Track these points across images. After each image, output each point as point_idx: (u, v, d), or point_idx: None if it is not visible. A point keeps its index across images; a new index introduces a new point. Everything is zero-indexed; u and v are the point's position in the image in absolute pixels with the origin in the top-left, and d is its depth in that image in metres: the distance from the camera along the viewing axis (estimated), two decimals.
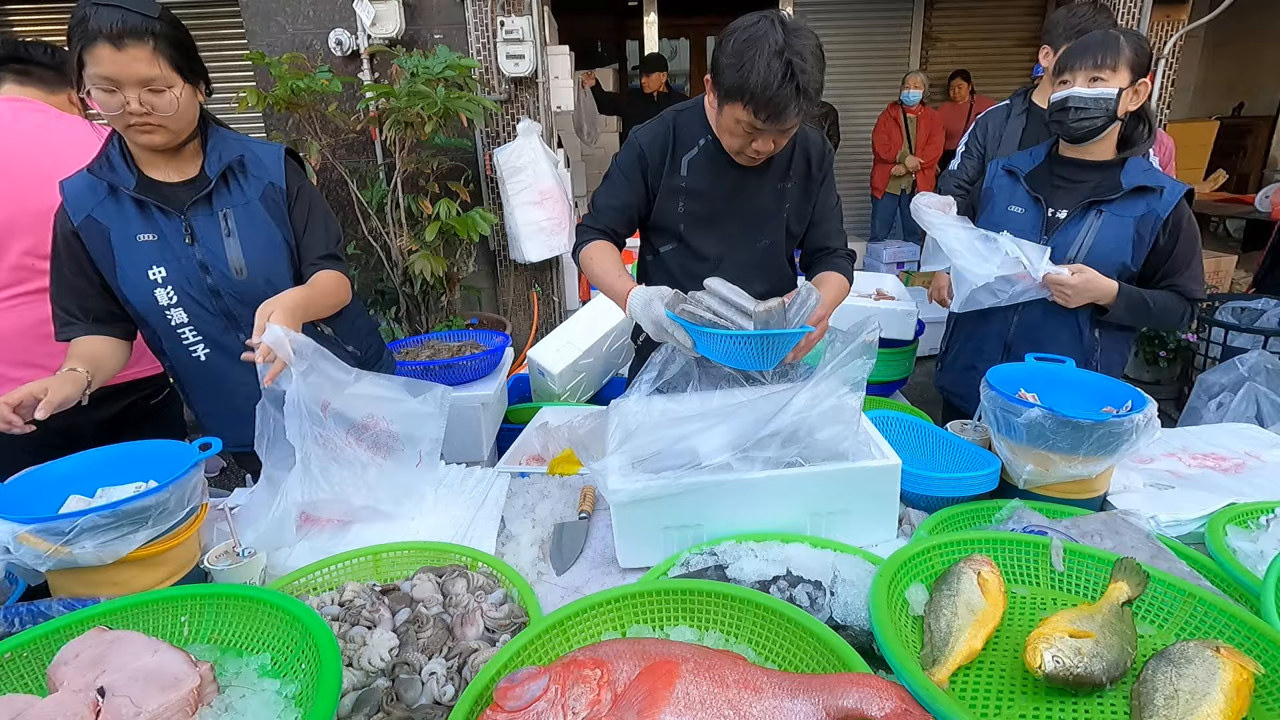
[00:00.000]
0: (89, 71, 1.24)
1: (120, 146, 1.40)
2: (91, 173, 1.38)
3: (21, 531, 0.99)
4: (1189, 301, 1.65)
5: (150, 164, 1.41)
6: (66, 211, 1.39)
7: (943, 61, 6.68)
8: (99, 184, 1.39)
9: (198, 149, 1.45)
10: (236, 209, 1.45)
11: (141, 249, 1.40)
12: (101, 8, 1.22)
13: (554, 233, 3.96)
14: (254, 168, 1.47)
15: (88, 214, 1.38)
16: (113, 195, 1.39)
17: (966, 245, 1.71)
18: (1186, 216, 1.62)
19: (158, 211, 1.40)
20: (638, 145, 1.60)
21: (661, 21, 6.92)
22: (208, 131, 1.45)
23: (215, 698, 0.83)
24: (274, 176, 1.49)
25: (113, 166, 1.39)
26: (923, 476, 1.29)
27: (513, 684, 0.75)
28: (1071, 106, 1.61)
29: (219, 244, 1.43)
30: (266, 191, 1.48)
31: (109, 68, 1.23)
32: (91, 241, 1.39)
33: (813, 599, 0.97)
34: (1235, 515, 1.19)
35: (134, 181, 1.38)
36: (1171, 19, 4.06)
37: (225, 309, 1.47)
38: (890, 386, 2.92)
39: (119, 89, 1.26)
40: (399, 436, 1.35)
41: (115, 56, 1.23)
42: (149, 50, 1.25)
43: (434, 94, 3.32)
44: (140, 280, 1.41)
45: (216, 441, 1.21)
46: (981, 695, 0.81)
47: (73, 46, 1.25)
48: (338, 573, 1.16)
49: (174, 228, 1.41)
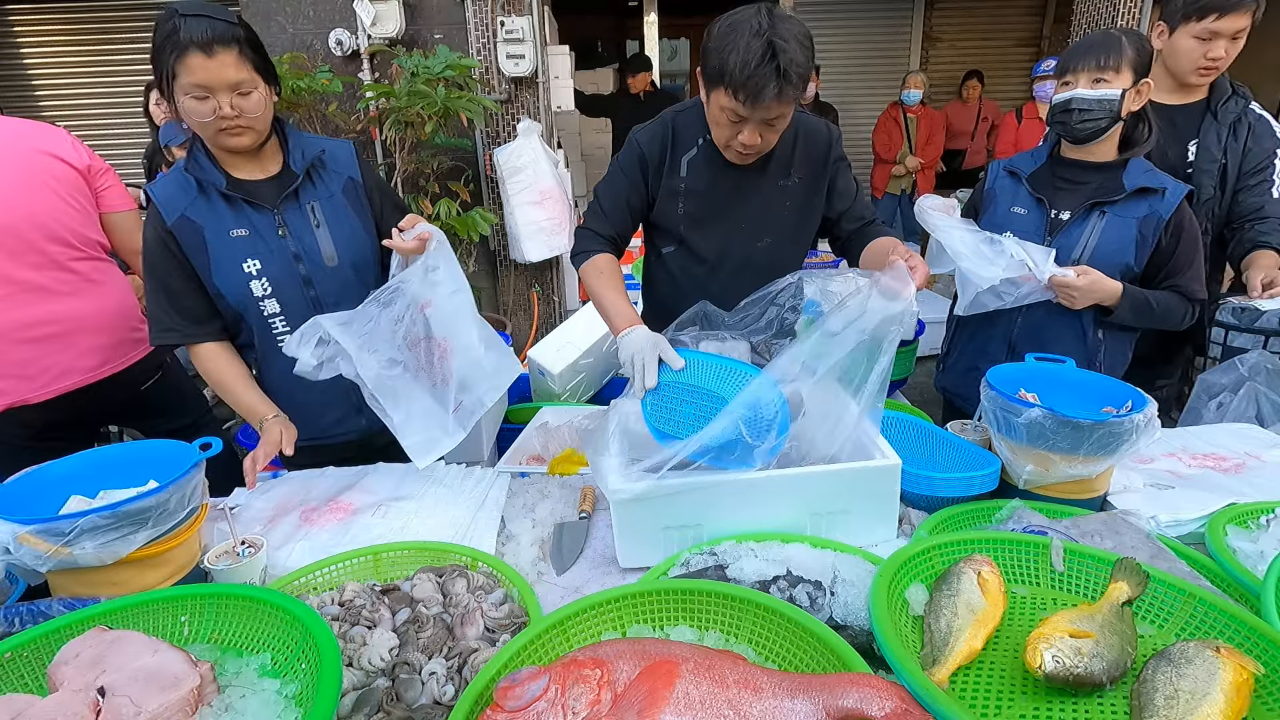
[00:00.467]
0: (181, 81, 1.30)
1: (204, 148, 1.45)
2: (186, 171, 1.44)
3: (22, 532, 0.99)
4: (1190, 302, 1.65)
5: (234, 165, 1.47)
6: (159, 213, 1.43)
7: (943, 61, 6.68)
8: (189, 183, 1.44)
9: (276, 147, 1.52)
10: (322, 201, 1.53)
11: (235, 243, 1.46)
12: (189, 18, 1.28)
13: (554, 233, 3.96)
14: (332, 163, 1.55)
15: (181, 213, 1.43)
16: (203, 194, 1.44)
17: (971, 248, 1.70)
18: (1188, 217, 1.62)
19: (248, 207, 1.46)
20: (637, 146, 1.60)
21: (661, 21, 6.92)
22: (284, 131, 1.52)
23: (215, 698, 0.83)
24: (350, 170, 1.57)
25: (202, 166, 1.44)
26: (923, 476, 1.29)
27: (513, 684, 0.75)
28: (1075, 108, 1.60)
29: (310, 235, 1.51)
30: (346, 185, 1.56)
31: (201, 75, 1.29)
32: (186, 240, 1.43)
33: (813, 599, 0.97)
34: (1235, 515, 1.19)
35: (224, 180, 1.45)
36: None
37: (314, 297, 1.53)
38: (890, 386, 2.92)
39: (211, 95, 1.32)
40: (453, 373, 1.38)
41: (206, 64, 1.29)
42: (235, 55, 1.32)
43: (434, 94, 3.32)
44: (235, 273, 1.46)
45: (217, 441, 1.21)
46: (981, 695, 0.81)
47: (163, 60, 1.30)
48: (338, 573, 1.16)
49: (266, 221, 1.47)
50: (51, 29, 5.56)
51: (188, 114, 1.34)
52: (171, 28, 1.28)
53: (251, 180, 1.48)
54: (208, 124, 1.35)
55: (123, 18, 5.47)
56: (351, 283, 1.53)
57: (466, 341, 1.36)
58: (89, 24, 5.52)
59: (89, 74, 5.62)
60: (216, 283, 1.46)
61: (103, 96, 5.67)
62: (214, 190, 1.43)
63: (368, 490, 1.46)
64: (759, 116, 1.38)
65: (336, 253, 1.53)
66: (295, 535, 1.30)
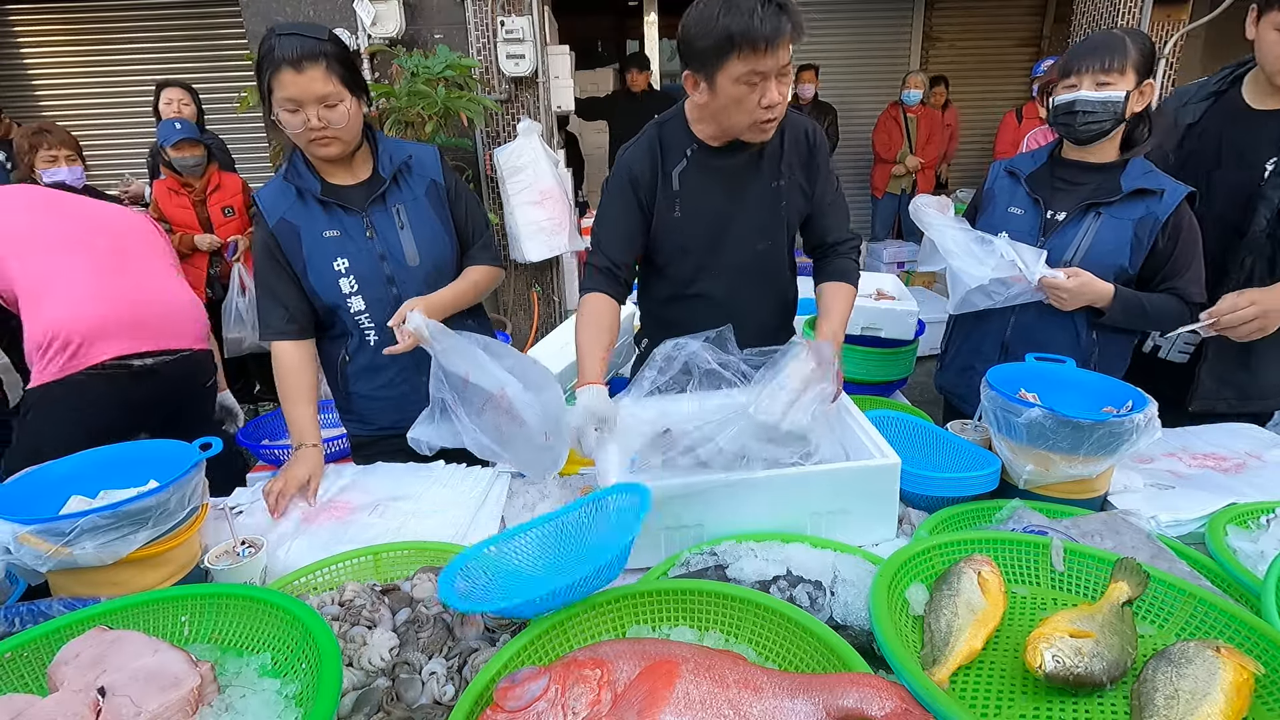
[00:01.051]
0: (276, 96, 1.41)
1: (303, 157, 1.55)
2: (285, 179, 1.55)
3: (22, 532, 0.99)
4: (1188, 305, 1.64)
5: (328, 172, 1.57)
6: (264, 216, 1.54)
7: (943, 61, 6.67)
8: (288, 189, 1.55)
9: (367, 154, 1.61)
10: (407, 204, 1.61)
11: (327, 243, 1.56)
12: (283, 37, 1.39)
13: (554, 233, 3.95)
14: (417, 167, 1.64)
15: (281, 216, 1.54)
16: (300, 199, 1.55)
17: (962, 247, 1.70)
18: (1187, 219, 1.61)
19: (340, 210, 1.56)
20: (625, 168, 1.57)
21: (661, 21, 6.92)
22: (375, 138, 1.61)
23: (215, 697, 0.83)
24: (434, 174, 1.65)
25: (299, 174, 1.55)
26: (923, 476, 1.29)
27: (513, 684, 0.75)
28: (1079, 110, 1.58)
29: (395, 236, 1.60)
30: (429, 188, 1.64)
31: (291, 90, 1.39)
32: (286, 241, 1.55)
33: (813, 599, 0.97)
34: (1235, 515, 1.19)
35: (319, 186, 1.55)
36: (1172, 19, 4.06)
37: (397, 295, 1.60)
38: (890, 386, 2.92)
39: (300, 108, 1.41)
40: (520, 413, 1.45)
41: (296, 79, 1.38)
42: (323, 70, 1.40)
43: (434, 94, 3.32)
44: (327, 271, 1.56)
45: (217, 441, 1.21)
46: (981, 695, 0.81)
47: (262, 76, 1.41)
48: (338, 572, 1.16)
49: (355, 224, 1.57)
50: (51, 29, 5.56)
51: (284, 126, 1.44)
52: (269, 47, 1.39)
53: (344, 185, 1.58)
54: (299, 135, 1.45)
55: (123, 18, 5.47)
56: (432, 281, 1.62)
57: (510, 386, 1.43)
58: (89, 24, 5.52)
59: (89, 74, 5.62)
60: (311, 279, 1.57)
61: (103, 96, 5.67)
62: (309, 195, 1.54)
63: (368, 490, 1.46)
64: (775, 66, 1.34)
65: (419, 253, 1.61)
66: (295, 535, 1.30)
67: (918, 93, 5.54)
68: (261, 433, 2.35)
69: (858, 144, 6.55)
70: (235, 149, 5.71)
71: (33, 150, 2.88)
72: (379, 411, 1.70)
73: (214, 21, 5.44)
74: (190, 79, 3.84)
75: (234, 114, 3.87)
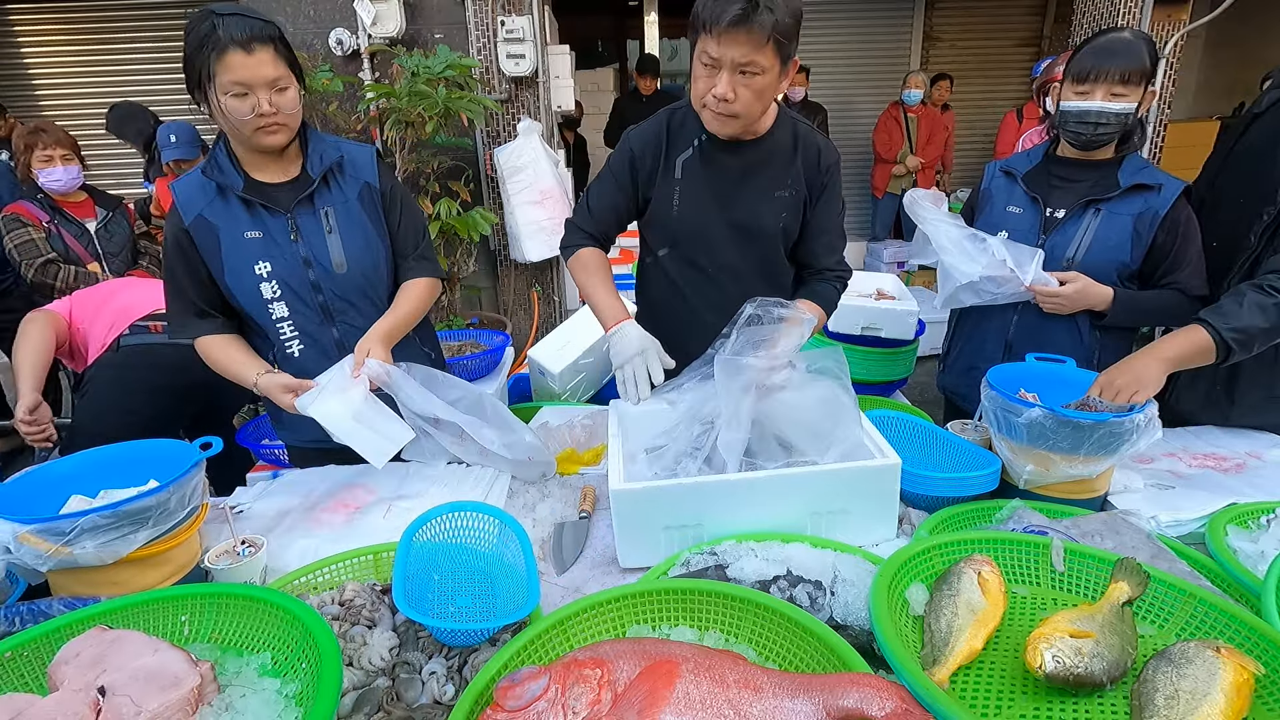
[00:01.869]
0: (221, 79, 1.31)
1: (226, 150, 1.46)
2: (203, 174, 1.45)
3: (22, 531, 0.99)
4: (1191, 299, 1.63)
5: (256, 166, 1.47)
6: (178, 212, 1.44)
7: (943, 61, 6.67)
8: (208, 185, 1.45)
9: (297, 150, 1.51)
10: (337, 207, 1.51)
11: (249, 245, 1.46)
12: (226, 18, 1.30)
13: (554, 232, 3.95)
14: (350, 168, 1.54)
15: (198, 213, 1.44)
16: (221, 196, 1.45)
17: (955, 243, 1.71)
18: (1185, 214, 1.61)
19: (264, 210, 1.46)
20: (628, 148, 1.58)
21: (661, 21, 6.92)
22: (306, 134, 1.52)
23: (215, 697, 0.83)
24: (369, 176, 1.55)
25: (221, 169, 1.45)
26: (923, 476, 1.29)
27: (513, 683, 0.75)
28: (1093, 120, 1.56)
29: (321, 240, 1.50)
30: (363, 191, 1.54)
31: (241, 72, 1.31)
32: (202, 240, 1.45)
33: (813, 599, 0.97)
34: (1236, 515, 1.19)
35: (242, 182, 1.45)
36: (1172, 19, 4.05)
37: (323, 303, 1.52)
38: (890, 386, 2.92)
39: (250, 92, 1.33)
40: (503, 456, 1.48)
41: (246, 61, 1.30)
42: (272, 52, 1.33)
43: (434, 94, 3.32)
44: (247, 274, 1.47)
45: (217, 441, 1.21)
46: (982, 695, 0.81)
47: (200, 59, 1.31)
48: (338, 572, 1.16)
49: (279, 225, 1.47)
50: (51, 30, 5.56)
51: (227, 112, 1.34)
52: (210, 27, 1.30)
53: (271, 183, 1.48)
54: (246, 121, 1.35)
55: (122, 19, 5.47)
56: (361, 290, 1.53)
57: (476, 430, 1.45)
58: (88, 25, 5.52)
59: (89, 75, 5.62)
60: (228, 282, 1.47)
61: (103, 97, 5.67)
62: (231, 193, 1.44)
63: (369, 490, 1.46)
64: (731, 55, 1.33)
65: (346, 260, 1.51)
66: (296, 535, 1.30)
67: (918, 92, 5.54)
68: (261, 433, 2.35)
69: (857, 144, 6.54)
70: None
71: (28, 150, 2.87)
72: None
73: None
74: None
75: None
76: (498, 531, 1.14)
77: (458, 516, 1.14)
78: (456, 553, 1.12)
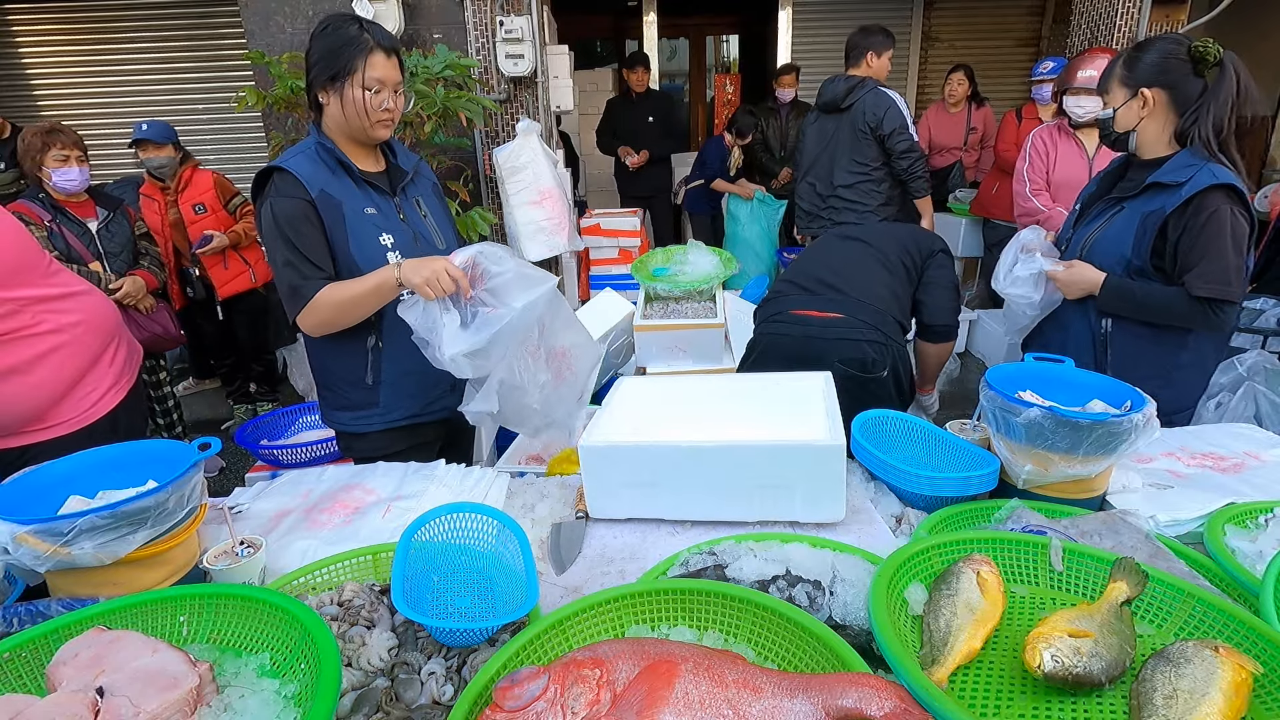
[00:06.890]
0: (367, 75, 1.51)
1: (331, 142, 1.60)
2: (318, 157, 1.58)
3: (20, 532, 0.99)
4: (1191, 299, 1.62)
5: (357, 157, 1.64)
6: (303, 184, 1.54)
7: (943, 61, 6.67)
8: (321, 165, 1.58)
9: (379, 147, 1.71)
10: (425, 196, 1.75)
11: (370, 219, 1.62)
12: (370, 24, 1.53)
13: (554, 232, 3.95)
14: (423, 168, 1.77)
15: (321, 189, 1.56)
16: (335, 176, 1.59)
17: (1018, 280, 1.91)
18: (1210, 214, 1.57)
19: (374, 191, 1.63)
20: None
21: (661, 21, 6.92)
22: None
23: (214, 697, 0.83)
24: (434, 179, 1.81)
25: (332, 155, 1.59)
26: (922, 476, 1.29)
27: (512, 684, 0.75)
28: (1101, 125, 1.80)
29: (420, 223, 1.71)
30: (434, 188, 1.80)
31: (382, 71, 1.53)
32: (327, 213, 1.56)
33: (812, 599, 0.97)
34: (1234, 515, 1.19)
35: (356, 167, 1.61)
36: (1171, 19, 4.06)
37: None
38: None
39: (384, 89, 1.54)
40: (576, 370, 1.58)
41: (385, 63, 1.53)
42: (397, 60, 1.57)
43: (433, 93, 3.32)
44: (374, 245, 1.61)
45: (216, 441, 1.21)
46: (981, 695, 0.81)
47: (346, 54, 1.50)
48: (337, 572, 1.16)
49: (389, 206, 1.66)
50: (51, 30, 5.55)
51: (361, 103, 1.52)
52: (358, 29, 1.51)
53: (370, 172, 1.65)
54: (376, 113, 1.54)
55: (122, 18, 5.47)
56: None
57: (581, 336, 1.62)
58: (88, 25, 5.51)
59: (88, 74, 5.62)
60: (354, 254, 1.58)
61: (103, 97, 5.67)
62: (346, 174, 1.59)
63: (368, 490, 1.46)
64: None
65: (445, 240, 1.73)
66: (295, 535, 1.30)
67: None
68: (261, 433, 2.35)
69: None
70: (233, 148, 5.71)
71: (45, 149, 2.88)
72: (401, 398, 1.69)
73: (213, 21, 5.44)
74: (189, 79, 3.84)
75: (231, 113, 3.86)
76: (496, 532, 1.14)
77: (457, 517, 1.14)
78: (455, 553, 1.12)
